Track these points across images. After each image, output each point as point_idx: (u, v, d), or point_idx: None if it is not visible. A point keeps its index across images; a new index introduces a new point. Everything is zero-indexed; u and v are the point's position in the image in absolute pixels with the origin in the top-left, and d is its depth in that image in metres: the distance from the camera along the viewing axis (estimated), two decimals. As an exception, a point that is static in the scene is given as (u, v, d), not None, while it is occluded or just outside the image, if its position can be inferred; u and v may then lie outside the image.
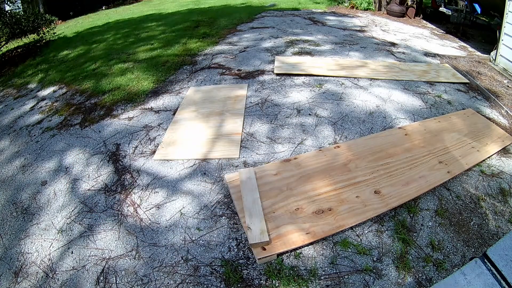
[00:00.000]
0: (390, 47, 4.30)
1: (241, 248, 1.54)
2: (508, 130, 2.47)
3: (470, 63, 3.88)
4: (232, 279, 1.38)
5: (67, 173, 2.18)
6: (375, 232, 1.61)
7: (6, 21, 5.35)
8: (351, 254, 1.50)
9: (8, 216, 1.89)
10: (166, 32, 5.30)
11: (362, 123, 2.46)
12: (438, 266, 1.44)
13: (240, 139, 2.29)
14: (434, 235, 1.59)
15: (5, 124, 3.05)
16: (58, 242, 1.65)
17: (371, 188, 1.78)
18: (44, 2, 9.07)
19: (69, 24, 8.31)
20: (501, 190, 1.89)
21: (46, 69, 4.38)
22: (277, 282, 1.38)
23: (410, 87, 3.05)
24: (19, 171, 2.29)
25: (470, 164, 2.02)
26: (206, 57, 3.90)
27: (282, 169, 1.93)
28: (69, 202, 1.92)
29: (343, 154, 2.06)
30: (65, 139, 2.58)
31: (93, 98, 3.19)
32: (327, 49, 4.09)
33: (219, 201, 1.81)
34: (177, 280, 1.41)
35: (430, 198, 1.81)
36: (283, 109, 2.66)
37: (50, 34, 6.18)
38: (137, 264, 1.48)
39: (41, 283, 1.45)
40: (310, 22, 5.60)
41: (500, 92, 3.12)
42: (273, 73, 3.29)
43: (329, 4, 7.71)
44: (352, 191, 1.76)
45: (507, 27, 3.66)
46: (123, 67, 3.86)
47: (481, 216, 1.73)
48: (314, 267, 1.44)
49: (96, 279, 1.44)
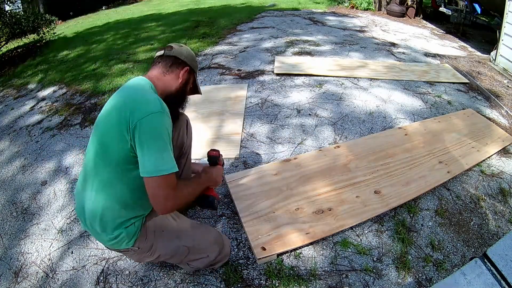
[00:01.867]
0: (390, 47, 4.30)
1: (241, 248, 1.54)
2: (508, 130, 2.47)
3: (470, 63, 3.89)
4: (232, 279, 1.38)
5: (67, 173, 2.18)
6: (375, 232, 1.61)
7: (6, 21, 5.35)
8: (351, 254, 1.50)
9: (8, 216, 1.89)
10: (166, 32, 5.31)
11: (362, 123, 2.46)
12: (438, 266, 1.44)
13: (240, 139, 2.29)
14: (434, 235, 1.60)
15: (5, 124, 3.05)
16: (58, 242, 1.65)
17: (371, 188, 1.78)
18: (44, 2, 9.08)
19: (69, 24, 8.32)
20: (501, 190, 1.89)
21: (46, 69, 4.38)
22: (277, 282, 1.38)
23: (410, 87, 3.06)
24: (19, 171, 2.29)
25: (470, 164, 2.02)
26: (206, 57, 3.90)
27: (282, 169, 1.93)
28: (69, 202, 1.92)
29: (343, 154, 2.06)
30: (65, 139, 2.58)
31: (93, 98, 3.19)
32: (327, 49, 4.09)
33: (219, 201, 1.81)
34: (177, 280, 1.41)
35: (430, 198, 1.81)
36: (283, 109, 2.66)
37: (50, 34, 6.18)
38: (137, 264, 1.48)
39: (41, 283, 1.45)
40: (310, 22, 5.61)
41: (500, 92, 3.13)
42: (273, 73, 3.29)
43: (329, 4, 7.71)
44: (352, 191, 1.76)
45: (507, 27, 3.66)
46: (123, 67, 3.86)
47: (481, 216, 1.73)
48: (314, 267, 1.44)
49: (96, 279, 1.44)
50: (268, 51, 3.97)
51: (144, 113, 0.99)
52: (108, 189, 1.08)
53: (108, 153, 1.05)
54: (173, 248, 1.23)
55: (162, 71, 1.21)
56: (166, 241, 1.21)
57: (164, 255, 1.23)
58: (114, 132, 1.03)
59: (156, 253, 1.21)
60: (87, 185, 1.12)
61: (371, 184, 1.81)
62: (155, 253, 1.21)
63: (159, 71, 1.21)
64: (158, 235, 1.19)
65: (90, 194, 1.10)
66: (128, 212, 1.11)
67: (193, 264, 1.29)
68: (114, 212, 1.09)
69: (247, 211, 1.64)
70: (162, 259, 1.25)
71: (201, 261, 1.29)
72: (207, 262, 1.31)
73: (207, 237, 1.32)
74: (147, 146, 0.98)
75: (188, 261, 1.28)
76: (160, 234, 1.19)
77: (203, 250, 1.28)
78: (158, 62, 1.22)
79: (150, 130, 0.99)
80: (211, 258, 1.30)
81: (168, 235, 1.21)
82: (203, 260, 1.29)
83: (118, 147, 1.02)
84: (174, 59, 1.22)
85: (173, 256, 1.25)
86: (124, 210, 1.10)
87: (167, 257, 1.25)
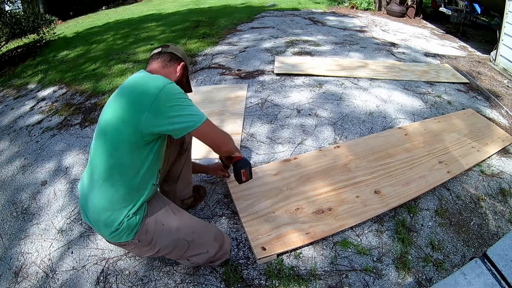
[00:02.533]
0: (390, 47, 4.30)
1: (241, 248, 1.54)
2: (508, 130, 2.47)
3: (470, 63, 3.89)
4: (232, 279, 1.38)
5: (67, 173, 2.18)
6: (375, 232, 1.61)
7: (6, 21, 5.36)
8: (351, 254, 1.50)
9: (8, 216, 1.89)
10: (166, 32, 5.30)
11: (362, 123, 2.46)
12: (438, 266, 1.44)
13: (240, 139, 2.29)
14: (434, 235, 1.60)
15: (5, 124, 3.05)
16: (58, 242, 1.65)
17: (371, 188, 1.78)
18: (44, 2, 9.08)
19: (69, 24, 8.31)
20: (501, 190, 1.89)
21: (46, 69, 4.38)
22: (277, 282, 1.38)
23: (410, 87, 3.06)
24: (19, 171, 2.29)
25: (470, 164, 2.02)
26: (206, 57, 3.90)
27: (282, 169, 1.93)
28: (69, 202, 1.92)
29: (343, 154, 2.06)
30: (65, 139, 2.58)
31: (93, 98, 3.19)
32: (327, 49, 4.09)
33: (219, 201, 1.81)
34: (177, 280, 1.41)
35: (430, 198, 1.81)
36: (283, 109, 2.66)
37: (50, 34, 6.18)
38: (137, 264, 1.48)
39: (41, 283, 1.45)
40: (310, 22, 5.60)
41: (500, 92, 3.13)
42: (273, 73, 3.29)
43: (329, 4, 7.71)
44: (352, 191, 1.76)
45: (507, 27, 3.66)
46: (122, 67, 3.86)
47: (481, 216, 1.73)
48: (314, 267, 1.44)
49: (96, 279, 1.44)
50: (268, 51, 3.97)
51: (157, 88, 1.05)
52: (114, 184, 1.10)
53: (119, 151, 1.08)
54: (173, 242, 1.23)
55: (161, 65, 1.26)
56: (166, 235, 1.22)
57: (164, 248, 1.23)
58: (126, 128, 1.06)
59: (156, 247, 1.21)
60: (94, 182, 1.13)
61: (371, 184, 1.81)
62: (155, 247, 1.21)
63: (158, 65, 1.25)
64: (159, 228, 1.20)
65: (98, 191, 1.12)
66: (130, 203, 1.13)
67: (192, 259, 1.29)
68: (118, 204, 1.11)
69: (247, 211, 1.64)
70: (162, 253, 1.25)
71: (201, 256, 1.29)
72: (207, 258, 1.30)
73: (207, 232, 1.31)
74: (176, 109, 1.06)
75: (187, 256, 1.27)
76: (160, 227, 1.20)
77: (203, 245, 1.28)
78: (156, 58, 1.27)
79: (172, 97, 1.06)
80: (210, 253, 1.29)
81: (169, 228, 1.22)
82: (202, 256, 1.29)
83: (130, 142, 1.07)
84: (172, 55, 1.28)
85: (173, 250, 1.24)
86: (127, 201, 1.12)
87: (167, 251, 1.25)
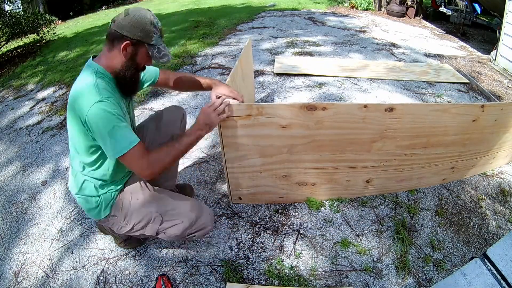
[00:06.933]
0: (390, 47, 4.30)
1: (241, 248, 1.54)
2: (508, 130, 2.47)
3: (470, 63, 3.89)
4: (232, 279, 1.38)
5: (67, 173, 2.18)
6: (375, 232, 1.61)
7: (6, 21, 5.36)
8: (351, 254, 1.50)
9: (8, 216, 1.89)
10: (165, 32, 5.30)
11: (362, 123, 2.46)
12: (438, 266, 1.44)
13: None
14: (434, 235, 1.60)
15: (5, 124, 3.05)
16: (58, 242, 1.65)
17: (367, 176, 1.69)
18: (44, 2, 9.09)
19: (69, 24, 8.31)
20: (501, 190, 1.89)
21: (46, 70, 4.38)
22: (277, 282, 1.38)
23: (410, 87, 3.06)
24: (19, 171, 2.29)
25: (473, 174, 1.98)
26: (206, 57, 3.90)
27: (297, 121, 1.43)
28: (69, 202, 1.91)
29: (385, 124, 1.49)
30: (65, 139, 2.57)
31: (93, 98, 3.18)
32: (327, 50, 4.10)
33: (218, 201, 1.81)
34: (177, 280, 1.41)
35: (430, 198, 1.81)
36: (283, 109, 2.65)
37: (50, 34, 6.18)
38: (137, 264, 1.48)
39: (41, 283, 1.45)
40: (310, 22, 5.61)
41: (500, 92, 3.13)
42: (273, 74, 3.29)
43: (329, 4, 7.71)
44: (348, 175, 1.66)
45: (507, 27, 3.67)
46: (123, 67, 3.86)
47: (481, 216, 1.73)
48: (314, 267, 1.44)
49: (96, 279, 1.44)
50: (268, 51, 3.97)
51: (86, 107, 1.06)
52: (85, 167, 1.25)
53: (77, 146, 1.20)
54: (146, 215, 1.25)
55: (108, 48, 1.14)
56: (139, 208, 1.26)
57: (138, 223, 1.26)
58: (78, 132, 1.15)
59: (132, 221, 1.26)
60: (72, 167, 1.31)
61: (371, 172, 1.67)
62: (130, 222, 1.26)
63: (105, 49, 1.15)
64: (134, 203, 1.26)
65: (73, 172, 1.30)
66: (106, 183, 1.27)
67: (168, 231, 1.27)
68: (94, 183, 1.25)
69: (235, 163, 1.56)
70: (138, 229, 1.28)
71: (176, 228, 1.25)
72: (183, 229, 1.26)
73: (182, 204, 1.30)
74: (101, 135, 1.09)
75: (163, 229, 1.27)
76: (135, 202, 1.27)
77: (177, 215, 1.26)
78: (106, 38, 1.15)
79: (97, 121, 1.07)
80: (185, 224, 1.25)
81: (143, 202, 1.27)
82: (178, 227, 1.25)
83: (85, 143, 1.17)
84: (115, 33, 1.10)
85: (147, 225, 1.27)
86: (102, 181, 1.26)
87: (141, 226, 1.27)
